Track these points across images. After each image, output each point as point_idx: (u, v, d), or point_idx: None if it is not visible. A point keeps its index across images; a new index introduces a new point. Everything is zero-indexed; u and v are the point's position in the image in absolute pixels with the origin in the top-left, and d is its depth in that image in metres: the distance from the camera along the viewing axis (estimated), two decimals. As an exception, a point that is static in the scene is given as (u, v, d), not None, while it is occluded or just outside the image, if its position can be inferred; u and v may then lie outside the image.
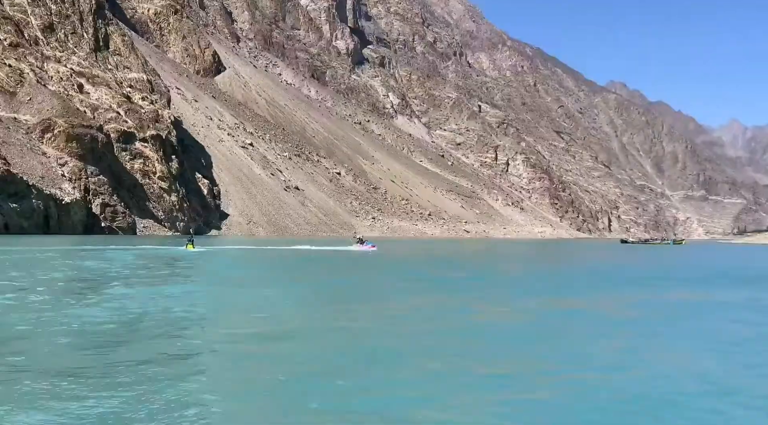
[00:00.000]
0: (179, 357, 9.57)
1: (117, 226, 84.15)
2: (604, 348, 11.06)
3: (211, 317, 14.24)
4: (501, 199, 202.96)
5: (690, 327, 14.06)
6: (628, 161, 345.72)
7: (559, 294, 21.11)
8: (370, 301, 18.47)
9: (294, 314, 15.00)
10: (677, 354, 10.67)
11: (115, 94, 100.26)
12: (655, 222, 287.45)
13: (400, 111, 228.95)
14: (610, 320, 14.84)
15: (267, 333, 12.01)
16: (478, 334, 12.41)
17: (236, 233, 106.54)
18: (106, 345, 10.11)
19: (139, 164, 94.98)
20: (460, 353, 10.39)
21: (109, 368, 8.59)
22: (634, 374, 8.95)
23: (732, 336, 12.86)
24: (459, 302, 18.09)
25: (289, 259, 42.05)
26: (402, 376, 8.58)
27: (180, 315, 13.87)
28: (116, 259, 33.55)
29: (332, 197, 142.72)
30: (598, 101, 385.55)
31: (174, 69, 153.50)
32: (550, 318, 14.89)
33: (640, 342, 11.54)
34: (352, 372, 8.71)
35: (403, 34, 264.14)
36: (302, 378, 8.27)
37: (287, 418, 6.79)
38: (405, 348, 10.80)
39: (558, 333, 12.61)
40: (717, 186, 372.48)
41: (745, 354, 10.85)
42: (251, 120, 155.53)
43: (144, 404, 6.94)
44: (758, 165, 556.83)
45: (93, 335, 11.08)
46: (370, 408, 7.04)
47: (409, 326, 13.34)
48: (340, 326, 13.18)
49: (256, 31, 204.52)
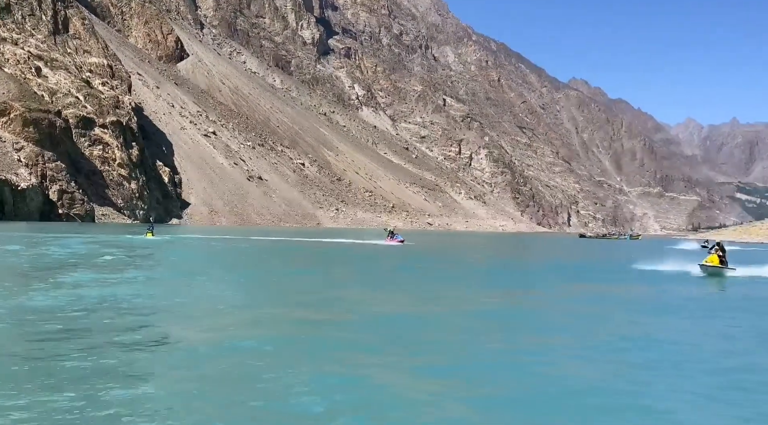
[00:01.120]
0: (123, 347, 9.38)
1: (75, 214, 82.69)
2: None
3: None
4: (464, 193, 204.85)
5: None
6: (587, 157, 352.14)
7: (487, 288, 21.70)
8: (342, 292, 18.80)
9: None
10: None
11: (74, 79, 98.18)
12: (613, 218, 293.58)
13: (365, 103, 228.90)
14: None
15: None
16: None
17: (198, 222, 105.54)
18: (49, 337, 9.62)
19: (99, 151, 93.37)
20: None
21: (51, 360, 8.23)
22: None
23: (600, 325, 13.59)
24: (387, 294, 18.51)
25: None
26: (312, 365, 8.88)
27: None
28: (72, 247, 33.17)
29: (296, 188, 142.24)
30: (560, 97, 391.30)
31: (135, 54, 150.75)
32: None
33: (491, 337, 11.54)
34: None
35: (369, 25, 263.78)
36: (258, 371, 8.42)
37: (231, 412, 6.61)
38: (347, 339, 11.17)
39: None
40: (673, 183, 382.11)
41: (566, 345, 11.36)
42: (214, 108, 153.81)
43: (88, 400, 6.58)
44: (713, 163, 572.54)
45: (36, 325, 10.57)
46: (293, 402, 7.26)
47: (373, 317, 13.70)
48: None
49: (220, 18, 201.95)
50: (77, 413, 6.23)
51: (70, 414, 6.21)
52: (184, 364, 8.37)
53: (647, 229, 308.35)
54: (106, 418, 6.15)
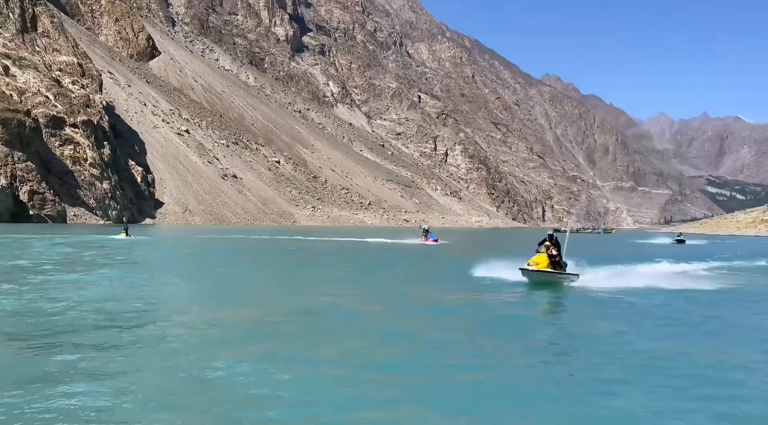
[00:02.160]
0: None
1: (46, 214, 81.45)
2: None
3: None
4: (440, 189, 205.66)
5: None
6: (561, 152, 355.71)
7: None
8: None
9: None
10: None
11: (43, 78, 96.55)
12: (587, 212, 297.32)
13: (340, 100, 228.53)
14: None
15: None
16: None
17: (171, 222, 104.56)
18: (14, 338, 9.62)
19: (70, 150, 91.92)
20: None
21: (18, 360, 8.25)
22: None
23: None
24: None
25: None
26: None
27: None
28: (43, 249, 32.73)
29: (271, 186, 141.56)
30: (534, 93, 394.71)
31: (106, 52, 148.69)
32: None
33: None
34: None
35: (343, 22, 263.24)
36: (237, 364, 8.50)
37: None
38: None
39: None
40: (645, 177, 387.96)
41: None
42: (187, 106, 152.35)
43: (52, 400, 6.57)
44: (684, 157, 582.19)
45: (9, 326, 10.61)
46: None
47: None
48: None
49: (192, 15, 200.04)
50: (31, 413, 6.22)
51: (26, 413, 6.20)
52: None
53: (620, 223, 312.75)
54: (61, 419, 6.14)
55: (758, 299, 18.24)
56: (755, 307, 16.16)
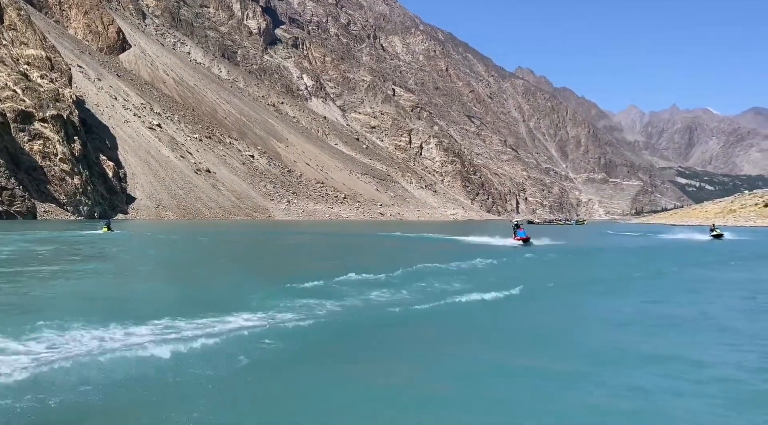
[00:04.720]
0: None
1: (15, 211, 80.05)
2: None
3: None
4: (415, 182, 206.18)
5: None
6: (534, 145, 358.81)
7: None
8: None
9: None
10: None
11: (11, 72, 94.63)
12: (560, 204, 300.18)
13: (314, 93, 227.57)
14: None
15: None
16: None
17: (144, 217, 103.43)
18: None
19: (39, 145, 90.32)
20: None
21: None
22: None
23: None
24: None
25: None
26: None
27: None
28: (18, 244, 32.24)
29: (245, 180, 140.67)
30: (507, 86, 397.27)
31: (75, 46, 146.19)
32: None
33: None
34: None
35: (316, 14, 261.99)
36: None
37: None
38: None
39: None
40: (616, 169, 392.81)
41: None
42: (158, 100, 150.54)
43: None
44: (654, 149, 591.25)
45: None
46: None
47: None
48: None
49: (163, 7, 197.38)
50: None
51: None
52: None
53: (592, 215, 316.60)
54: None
55: None
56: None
